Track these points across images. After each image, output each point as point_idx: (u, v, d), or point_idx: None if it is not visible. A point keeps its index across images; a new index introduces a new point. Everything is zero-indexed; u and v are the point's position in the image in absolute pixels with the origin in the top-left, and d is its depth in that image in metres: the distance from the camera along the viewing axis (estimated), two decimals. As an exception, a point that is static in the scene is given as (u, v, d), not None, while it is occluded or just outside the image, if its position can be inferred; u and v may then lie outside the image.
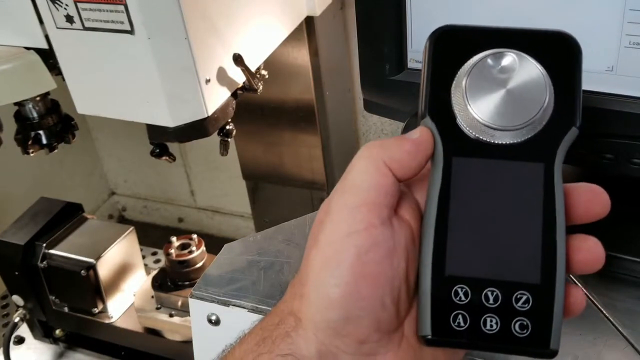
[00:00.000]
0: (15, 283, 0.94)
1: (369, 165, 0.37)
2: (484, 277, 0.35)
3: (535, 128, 0.36)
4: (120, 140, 1.39)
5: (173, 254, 0.91)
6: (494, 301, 0.35)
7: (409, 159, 0.37)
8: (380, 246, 0.35)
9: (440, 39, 0.38)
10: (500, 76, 0.36)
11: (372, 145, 0.37)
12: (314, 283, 0.36)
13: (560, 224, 0.35)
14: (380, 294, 0.35)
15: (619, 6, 0.46)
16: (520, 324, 0.35)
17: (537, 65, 0.36)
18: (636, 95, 0.49)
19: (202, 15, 0.61)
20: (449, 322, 0.35)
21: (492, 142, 0.36)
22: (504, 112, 0.36)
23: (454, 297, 0.35)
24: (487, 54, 0.37)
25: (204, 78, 0.62)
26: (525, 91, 0.36)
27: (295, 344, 0.36)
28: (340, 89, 1.01)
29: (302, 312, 0.36)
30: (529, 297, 0.35)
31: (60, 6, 0.59)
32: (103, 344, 1.00)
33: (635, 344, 0.49)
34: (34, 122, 0.74)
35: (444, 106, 0.37)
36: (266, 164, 1.05)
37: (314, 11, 0.84)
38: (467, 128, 0.37)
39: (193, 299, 0.59)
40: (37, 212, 0.96)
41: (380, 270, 0.35)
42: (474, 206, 0.36)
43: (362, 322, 0.35)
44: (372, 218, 0.35)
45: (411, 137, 0.37)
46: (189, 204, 1.44)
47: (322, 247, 0.36)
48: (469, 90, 0.37)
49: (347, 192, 0.36)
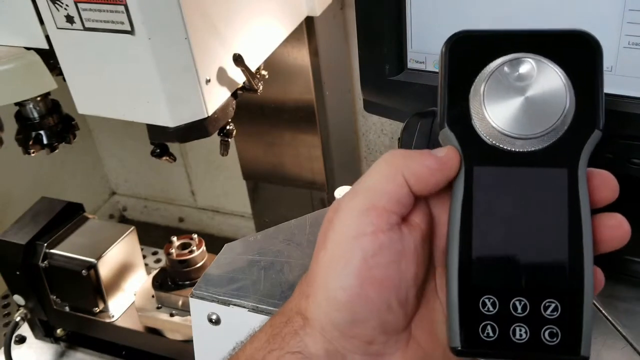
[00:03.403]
0: (17, 283, 0.95)
1: (387, 172, 0.36)
2: (511, 286, 0.35)
3: (557, 134, 0.35)
4: (120, 141, 1.40)
5: (173, 253, 0.92)
6: (522, 310, 0.35)
7: (428, 175, 0.36)
8: (387, 250, 0.35)
9: (456, 45, 0.37)
10: (519, 84, 0.36)
11: (396, 154, 0.37)
12: (320, 284, 0.36)
13: (587, 229, 0.35)
14: (387, 297, 0.35)
15: (618, 6, 0.46)
16: (550, 332, 0.34)
17: (556, 69, 0.36)
18: (636, 95, 0.49)
19: (202, 15, 0.61)
20: (478, 333, 0.35)
21: (513, 150, 0.36)
22: (524, 120, 0.35)
23: (481, 307, 0.35)
24: (504, 60, 0.36)
25: (204, 78, 0.63)
26: (545, 98, 0.36)
27: (303, 342, 0.36)
28: (340, 89, 1.01)
29: (309, 311, 0.36)
30: (558, 304, 0.34)
31: (61, 6, 0.59)
32: (104, 343, 1.00)
33: (634, 344, 0.49)
34: (35, 122, 0.74)
35: (462, 115, 0.37)
36: (266, 164, 1.05)
37: (314, 11, 0.84)
38: (487, 137, 0.36)
39: (193, 299, 0.60)
40: (38, 212, 0.96)
41: (386, 274, 0.35)
42: (497, 215, 0.36)
43: (368, 324, 0.35)
44: (380, 223, 0.35)
45: (437, 154, 0.36)
46: (190, 203, 1.44)
47: (330, 248, 0.36)
48: (487, 99, 0.36)
49: (360, 195, 0.36)
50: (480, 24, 0.51)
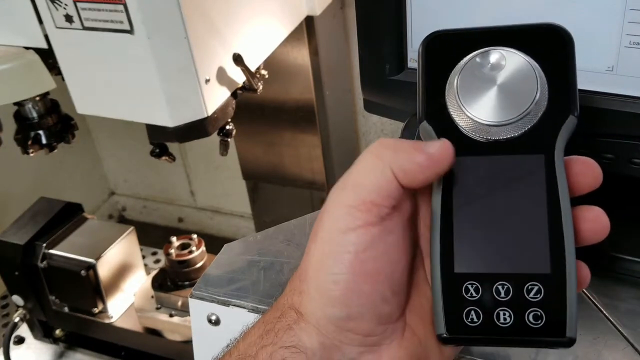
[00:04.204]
0: (15, 283, 0.94)
1: (375, 166, 0.36)
2: (493, 271, 0.35)
3: (532, 120, 0.36)
4: (120, 140, 1.39)
5: (173, 254, 0.91)
6: (505, 294, 0.35)
7: (418, 172, 0.35)
8: (378, 243, 0.35)
9: (431, 44, 0.39)
10: (490, 73, 0.37)
11: (384, 146, 0.36)
12: (313, 279, 0.36)
13: (566, 212, 0.35)
14: (381, 289, 0.35)
15: (619, 6, 0.46)
16: (534, 315, 0.34)
17: (525, 57, 0.37)
18: (636, 95, 0.49)
19: (202, 15, 0.61)
20: (463, 319, 0.35)
21: (489, 138, 0.37)
22: (497, 108, 0.36)
23: (465, 294, 0.35)
24: (475, 53, 0.37)
25: (203, 78, 0.62)
26: (515, 84, 0.37)
27: (297, 337, 0.36)
28: (340, 89, 1.01)
29: (302, 307, 0.36)
30: (540, 287, 0.35)
31: (60, 6, 0.59)
32: (103, 344, 1.00)
33: (635, 344, 0.49)
34: (34, 122, 0.74)
35: (439, 108, 0.38)
36: (266, 164, 1.05)
37: (314, 11, 0.84)
38: (463, 127, 0.37)
39: (193, 299, 0.59)
40: (37, 212, 0.96)
41: (379, 266, 0.35)
42: (477, 203, 0.36)
43: (364, 318, 0.35)
44: (369, 217, 0.35)
45: (428, 149, 0.36)
46: (189, 204, 1.44)
47: (320, 244, 0.36)
48: (461, 90, 0.37)
49: (348, 189, 0.36)
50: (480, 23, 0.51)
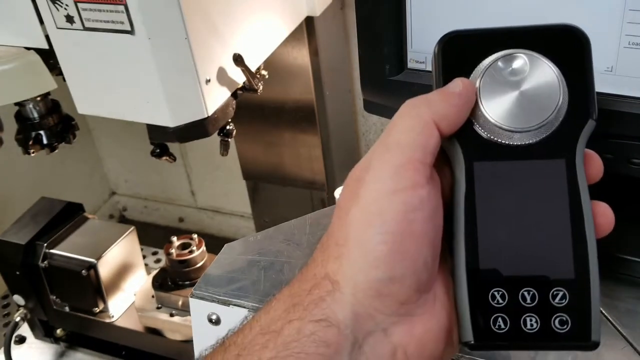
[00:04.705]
0: (16, 283, 0.94)
1: (415, 124, 0.36)
2: (518, 277, 0.35)
3: (553, 126, 0.36)
4: (120, 141, 1.40)
5: (173, 253, 0.91)
6: (531, 300, 0.35)
7: (456, 114, 0.36)
8: (426, 205, 0.35)
9: (448, 44, 0.38)
10: (513, 78, 0.37)
11: (417, 104, 0.37)
12: (356, 241, 0.35)
13: (588, 216, 0.35)
14: (424, 253, 0.35)
15: (618, 6, 0.46)
16: (560, 320, 0.35)
17: (549, 63, 0.37)
18: (636, 95, 0.49)
19: (202, 15, 0.61)
20: (490, 326, 0.35)
21: (511, 144, 0.36)
22: (520, 114, 0.36)
23: (491, 300, 0.35)
24: (497, 56, 0.37)
25: (204, 78, 0.63)
26: (539, 91, 0.36)
27: (329, 309, 0.35)
28: (340, 89, 1.01)
29: (340, 273, 0.35)
30: (565, 292, 0.35)
31: (61, 6, 0.59)
32: (104, 343, 1.00)
33: (634, 344, 0.49)
34: (35, 122, 0.74)
35: None
36: (266, 164, 1.05)
37: (314, 11, 0.84)
38: (484, 132, 0.37)
39: (193, 299, 0.60)
40: (38, 212, 0.96)
41: (425, 229, 0.35)
42: (500, 209, 0.36)
43: (405, 282, 0.34)
44: (418, 177, 0.35)
45: (454, 90, 0.37)
46: (190, 203, 1.44)
47: (365, 205, 0.35)
48: (483, 95, 0.37)
49: (392, 150, 0.36)
50: (480, 23, 0.51)
